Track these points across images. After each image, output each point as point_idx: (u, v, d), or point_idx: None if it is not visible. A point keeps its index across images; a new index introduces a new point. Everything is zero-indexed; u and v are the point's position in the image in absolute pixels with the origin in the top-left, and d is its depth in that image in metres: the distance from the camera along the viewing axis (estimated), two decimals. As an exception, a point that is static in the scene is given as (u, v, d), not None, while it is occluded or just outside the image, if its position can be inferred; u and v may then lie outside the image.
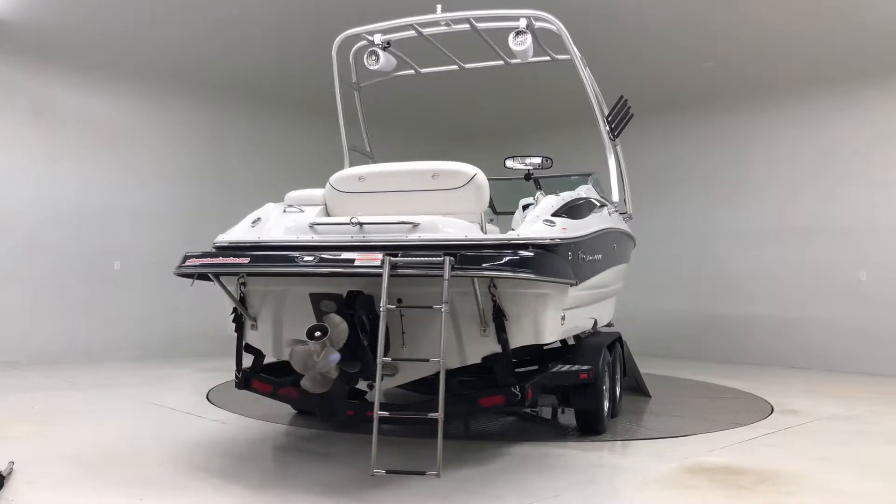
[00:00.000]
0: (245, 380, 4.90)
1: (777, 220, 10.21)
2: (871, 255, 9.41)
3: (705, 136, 10.98)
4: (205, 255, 4.32)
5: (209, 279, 4.55)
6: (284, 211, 4.92)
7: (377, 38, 5.82)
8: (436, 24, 5.96)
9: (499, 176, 6.53)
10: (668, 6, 7.95)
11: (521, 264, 3.94)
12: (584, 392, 5.19)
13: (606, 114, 6.12)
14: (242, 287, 4.54)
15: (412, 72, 6.59)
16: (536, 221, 4.47)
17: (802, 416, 6.21)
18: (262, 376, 4.94)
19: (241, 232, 4.77)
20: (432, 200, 4.61)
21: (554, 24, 5.76)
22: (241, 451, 4.89)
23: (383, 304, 3.73)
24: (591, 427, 5.37)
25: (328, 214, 4.90)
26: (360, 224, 4.35)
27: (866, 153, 9.53)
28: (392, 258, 3.79)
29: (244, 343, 4.85)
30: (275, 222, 4.82)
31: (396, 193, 4.71)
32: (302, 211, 4.86)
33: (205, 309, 10.67)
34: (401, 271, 3.80)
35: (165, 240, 10.31)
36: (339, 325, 3.91)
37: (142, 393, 7.03)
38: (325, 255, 4.00)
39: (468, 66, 6.49)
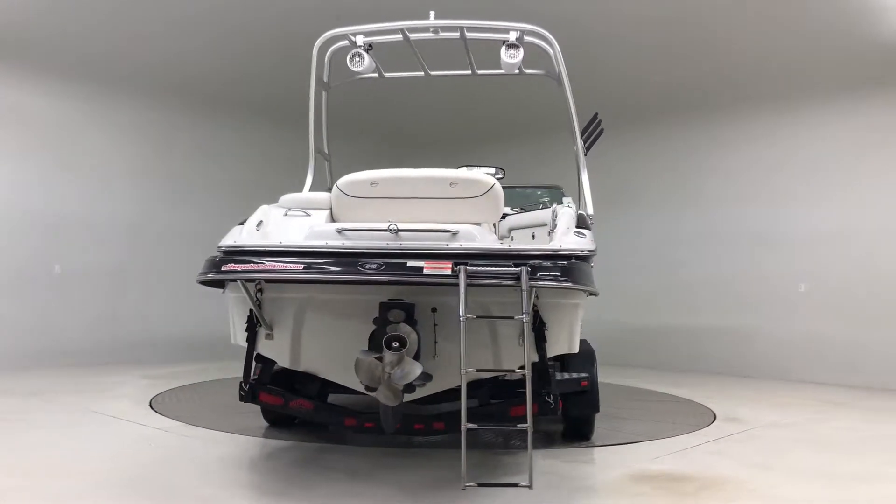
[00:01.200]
0: (252, 392, 4.64)
1: (726, 232, 10.46)
2: (810, 267, 9.71)
3: (657, 148, 11.19)
4: (246, 260, 3.96)
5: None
6: (286, 214, 4.71)
7: (360, 40, 5.62)
8: (424, 30, 5.77)
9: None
10: (620, 22, 8.10)
11: (579, 276, 3.95)
12: (580, 400, 5.27)
13: (581, 129, 6.12)
14: (259, 294, 4.24)
15: (376, 75, 6.48)
16: (568, 233, 4.38)
17: (744, 424, 6.35)
18: (271, 388, 4.74)
19: (252, 236, 4.40)
20: (448, 209, 4.54)
21: (548, 40, 5.71)
22: (186, 460, 4.78)
23: (463, 315, 3.68)
24: (582, 434, 5.49)
25: (334, 219, 4.72)
26: (398, 230, 4.15)
27: (809, 169, 9.85)
28: (468, 268, 3.73)
29: (255, 353, 4.53)
30: (281, 226, 4.57)
31: (410, 200, 4.59)
32: (308, 215, 4.67)
33: (150, 315, 10.52)
34: (476, 281, 3.74)
35: (108, 243, 10.09)
36: (410, 335, 3.86)
37: (81, 400, 6.81)
38: (391, 262, 3.83)
39: (434, 73, 6.42)
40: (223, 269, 3.91)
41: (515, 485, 3.84)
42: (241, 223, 4.65)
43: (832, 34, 8.24)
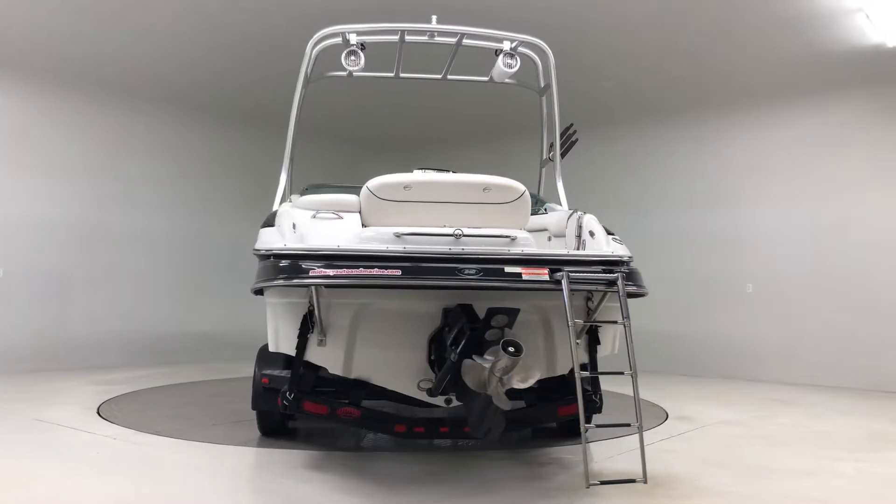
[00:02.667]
0: (297, 401, 4.50)
1: (674, 233, 10.66)
2: (756, 267, 9.98)
3: (605, 151, 11.36)
4: (330, 265, 3.83)
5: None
6: (314, 217, 4.59)
7: (353, 38, 5.52)
8: (422, 33, 5.75)
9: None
10: (568, 31, 8.19)
11: (640, 282, 4.20)
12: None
13: (562, 138, 6.23)
14: (316, 300, 4.06)
15: (345, 74, 6.41)
16: (609, 241, 4.61)
17: (695, 423, 6.48)
18: (317, 397, 4.64)
19: (304, 240, 4.26)
20: (480, 214, 4.59)
21: (545, 51, 5.82)
22: (135, 468, 4.67)
23: (570, 319, 3.75)
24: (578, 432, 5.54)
25: (364, 223, 4.65)
26: (461, 235, 4.19)
27: (752, 171, 10.11)
28: (570, 273, 3.82)
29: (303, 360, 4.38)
30: (318, 229, 4.43)
31: (443, 204, 4.59)
32: (340, 217, 4.58)
33: (101, 318, 10.24)
34: (575, 287, 3.83)
35: (56, 245, 9.81)
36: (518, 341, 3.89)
37: (24, 408, 6.59)
38: (489, 268, 3.91)
39: (403, 75, 6.40)
40: (312, 274, 3.76)
41: (633, 481, 3.94)
42: (269, 224, 4.58)
43: (774, 43, 8.47)
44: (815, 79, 9.33)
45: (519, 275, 3.87)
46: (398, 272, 3.79)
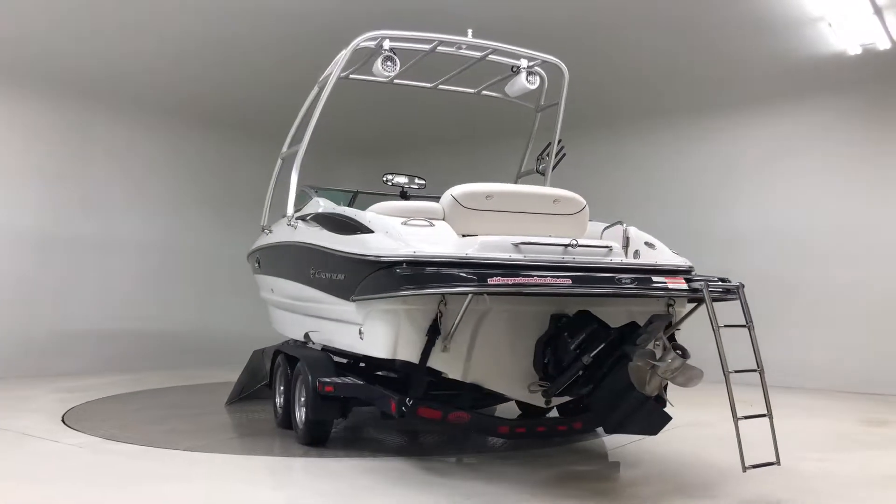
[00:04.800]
0: (415, 407, 4.49)
1: (648, 233, 10.74)
2: (728, 266, 10.07)
3: (576, 156, 11.42)
4: (508, 274, 4.00)
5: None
6: (405, 223, 4.62)
7: (386, 45, 5.63)
8: (451, 44, 5.93)
9: (376, 190, 6.59)
10: (537, 36, 8.24)
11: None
12: None
13: (547, 152, 6.68)
14: (442, 307, 4.22)
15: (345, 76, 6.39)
16: (670, 252, 5.00)
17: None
18: (431, 402, 4.64)
19: (415, 245, 4.36)
20: (547, 224, 4.91)
21: (563, 70, 6.21)
22: (102, 477, 4.58)
23: (715, 325, 4.15)
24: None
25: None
26: (576, 245, 4.46)
27: (725, 173, 10.28)
28: (708, 283, 4.28)
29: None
30: (421, 236, 4.49)
31: (518, 214, 4.88)
32: (432, 224, 4.68)
33: (62, 325, 10.01)
34: (714, 296, 4.25)
35: (15, 251, 9.59)
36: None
37: (-13, 417, 6.45)
38: (641, 278, 4.27)
39: (397, 81, 6.47)
40: (491, 282, 3.91)
41: (772, 463, 4.33)
42: (362, 230, 4.67)
43: (741, 51, 8.63)
44: (783, 84, 9.50)
45: (665, 284, 4.25)
46: (569, 281, 4.05)
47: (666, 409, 4.49)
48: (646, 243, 5.01)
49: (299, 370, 5.61)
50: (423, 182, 6.25)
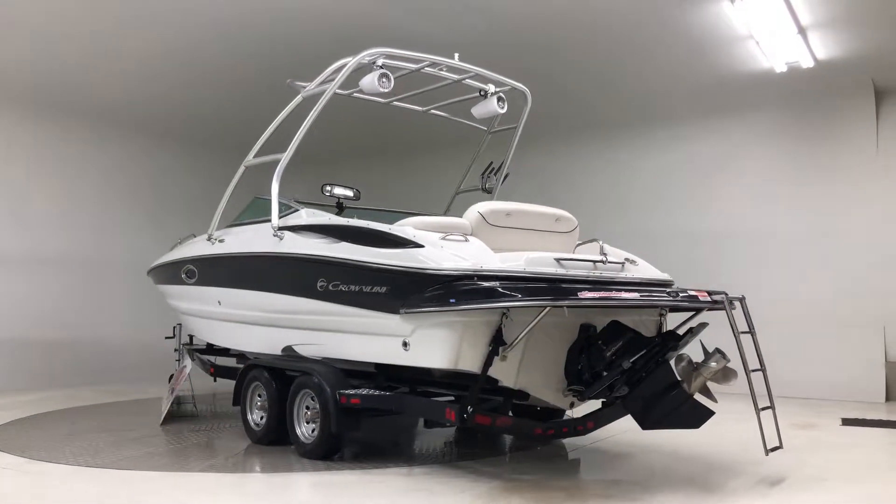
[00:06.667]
0: (473, 415, 4.64)
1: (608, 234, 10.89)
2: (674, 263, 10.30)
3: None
4: (596, 289, 4.38)
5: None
6: (444, 238, 4.82)
7: (380, 62, 5.70)
8: (439, 66, 6.11)
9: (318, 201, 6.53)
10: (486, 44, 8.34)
11: None
12: None
13: (493, 171, 7.07)
14: (505, 318, 4.42)
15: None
16: (646, 264, 5.38)
17: (606, 431, 6.60)
18: (484, 410, 4.92)
19: (474, 260, 4.63)
20: (548, 240, 5.34)
21: (527, 97, 6.69)
22: (28, 500, 4.38)
23: (737, 334, 4.63)
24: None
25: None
26: (605, 262, 4.91)
27: (660, 184, 10.57)
28: (727, 296, 4.73)
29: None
30: (458, 250, 4.71)
31: (528, 231, 5.29)
32: (467, 240, 4.87)
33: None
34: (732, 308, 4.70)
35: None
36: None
37: None
38: (669, 291, 4.76)
39: (392, 100, 6.74)
40: (581, 296, 4.21)
41: (779, 448, 4.85)
42: (412, 245, 4.78)
43: (678, 67, 8.90)
44: (715, 100, 9.85)
45: (696, 297, 4.70)
46: (637, 295, 4.54)
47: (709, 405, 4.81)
48: (627, 259, 5.26)
49: (303, 383, 5.52)
50: (359, 193, 6.30)
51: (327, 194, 6.19)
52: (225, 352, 7.89)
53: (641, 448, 5.95)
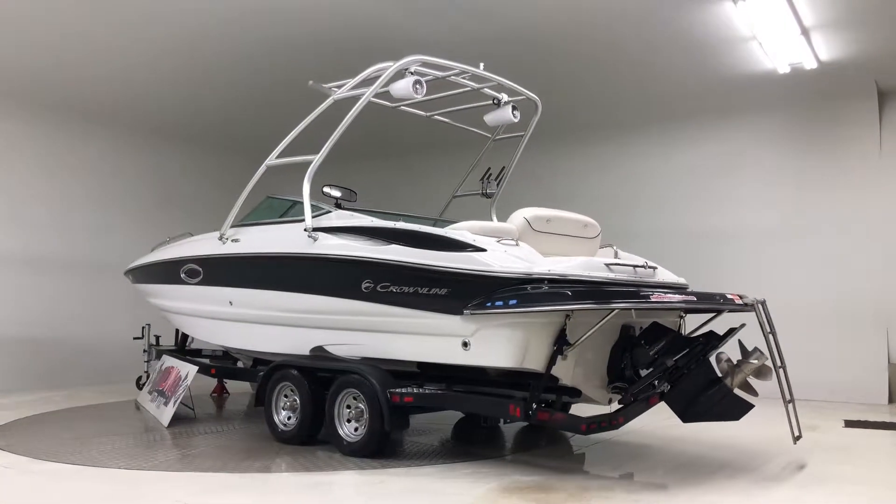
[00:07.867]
0: (536, 411, 4.90)
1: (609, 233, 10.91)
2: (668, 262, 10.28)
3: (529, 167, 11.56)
4: (646, 294, 4.64)
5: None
6: (499, 242, 5.05)
7: (412, 68, 5.82)
8: (464, 74, 6.21)
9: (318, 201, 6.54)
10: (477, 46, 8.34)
11: None
12: None
13: (494, 176, 7.26)
14: (567, 319, 4.64)
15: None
16: (663, 269, 5.55)
17: (607, 433, 6.62)
18: (543, 406, 5.11)
19: (526, 263, 4.89)
20: (577, 246, 5.53)
21: (538, 106, 6.81)
22: (31, 500, 4.38)
23: (766, 331, 5.00)
24: None
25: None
26: (646, 267, 5.22)
27: (660, 187, 10.55)
28: (757, 300, 5.01)
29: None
30: (516, 254, 4.95)
31: (563, 237, 5.49)
32: (517, 244, 5.09)
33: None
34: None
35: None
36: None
37: None
38: (719, 296, 4.92)
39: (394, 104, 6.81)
40: (654, 300, 4.56)
41: (800, 437, 5.18)
42: (473, 249, 4.97)
43: (681, 69, 8.89)
44: (719, 101, 9.82)
45: (733, 300, 4.93)
46: (694, 298, 4.90)
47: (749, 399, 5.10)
48: (646, 264, 5.41)
49: (347, 382, 5.52)
50: (355, 194, 6.32)
51: (327, 195, 6.18)
52: (196, 353, 7.93)
53: (642, 448, 5.96)
